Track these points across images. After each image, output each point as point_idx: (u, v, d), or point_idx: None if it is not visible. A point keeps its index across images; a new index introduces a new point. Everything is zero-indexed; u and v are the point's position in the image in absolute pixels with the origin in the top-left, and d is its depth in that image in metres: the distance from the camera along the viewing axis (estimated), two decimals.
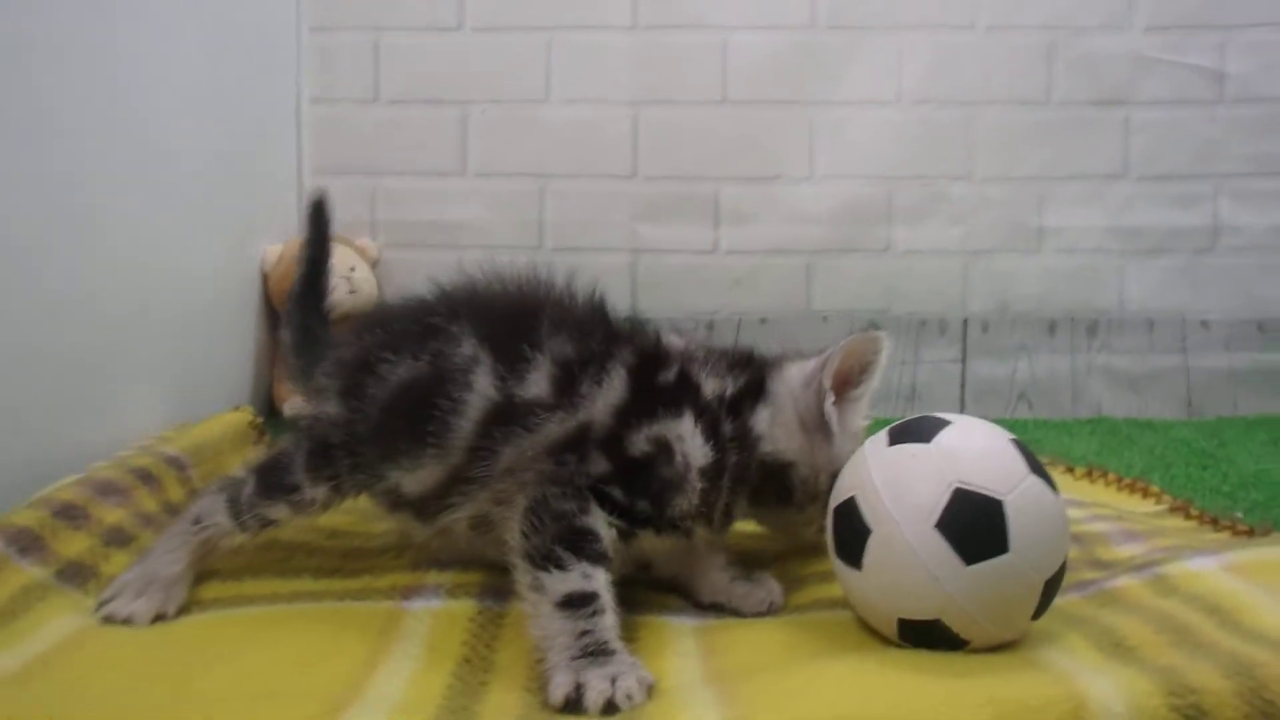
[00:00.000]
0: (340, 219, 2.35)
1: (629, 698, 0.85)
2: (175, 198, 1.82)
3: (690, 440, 1.05)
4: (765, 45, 2.47)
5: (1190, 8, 2.43)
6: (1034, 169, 2.48)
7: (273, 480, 1.14)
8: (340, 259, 2.21)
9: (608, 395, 1.05)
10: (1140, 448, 2.10)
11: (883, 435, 1.05)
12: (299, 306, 1.42)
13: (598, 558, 0.96)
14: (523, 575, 0.96)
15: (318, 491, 1.14)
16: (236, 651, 1.01)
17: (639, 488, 1.03)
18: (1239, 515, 1.52)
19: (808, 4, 2.47)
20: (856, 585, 1.02)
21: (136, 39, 1.70)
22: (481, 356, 1.07)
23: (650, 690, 0.88)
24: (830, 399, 1.10)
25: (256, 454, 1.72)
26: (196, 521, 1.15)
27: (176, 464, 1.52)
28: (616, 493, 1.01)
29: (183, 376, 1.85)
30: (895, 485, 0.98)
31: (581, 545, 0.96)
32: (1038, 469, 0.99)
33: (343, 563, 1.27)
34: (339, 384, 1.14)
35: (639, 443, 1.04)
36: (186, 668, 0.97)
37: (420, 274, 1.27)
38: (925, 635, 0.96)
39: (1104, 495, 1.68)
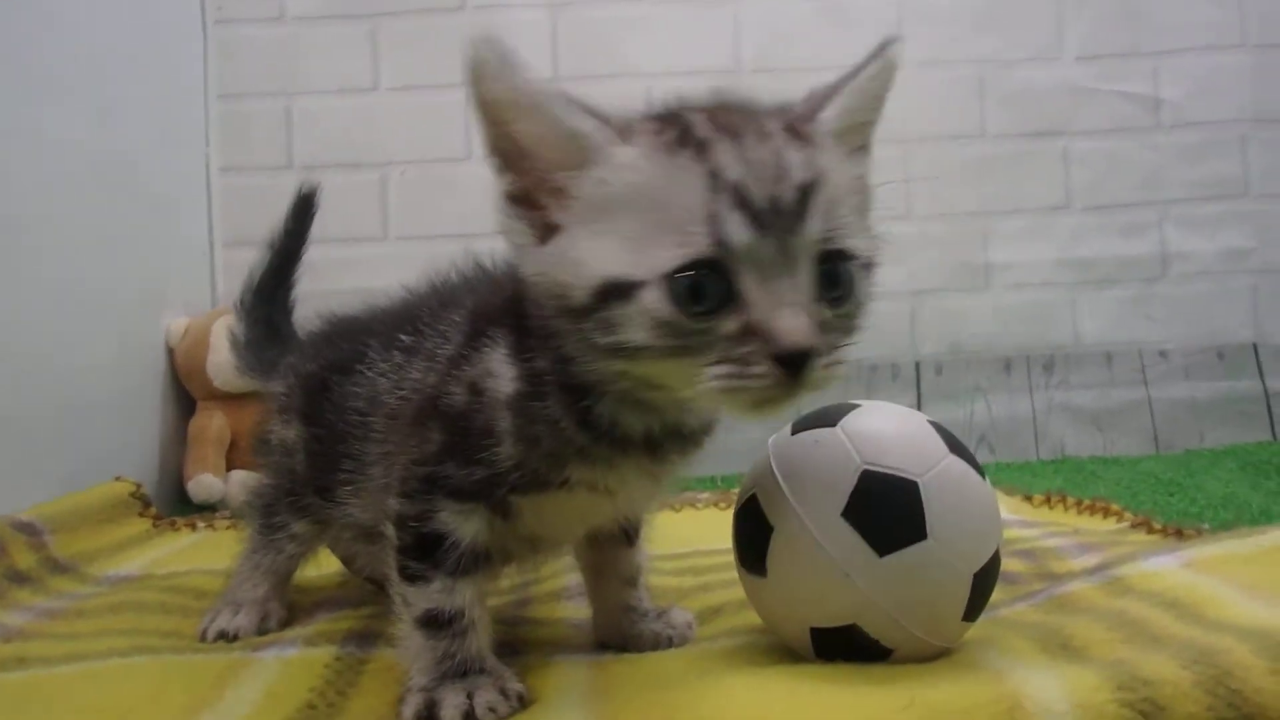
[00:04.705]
0: None
1: (491, 710, 0.79)
2: (58, 275, 1.72)
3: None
4: (691, 91, 2.39)
5: (1120, 36, 2.41)
6: (974, 204, 2.42)
7: None
8: None
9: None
10: (1105, 481, 1.99)
11: (786, 427, 0.92)
12: (259, 299, 1.31)
13: (460, 567, 0.83)
14: (392, 589, 0.87)
15: None
16: (34, 710, 0.87)
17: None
18: (1206, 526, 1.39)
19: (732, 48, 2.43)
20: (763, 595, 0.88)
21: (20, 111, 1.65)
22: None
23: (522, 701, 0.81)
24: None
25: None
26: None
27: (28, 529, 1.40)
28: (455, 472, 0.83)
29: (70, 461, 1.70)
30: (798, 475, 0.84)
31: (438, 555, 0.83)
32: (960, 449, 0.86)
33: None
34: None
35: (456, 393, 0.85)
36: None
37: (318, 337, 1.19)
38: (842, 645, 0.81)
39: (1063, 518, 1.55)
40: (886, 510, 0.79)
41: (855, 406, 0.89)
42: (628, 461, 0.81)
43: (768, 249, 0.67)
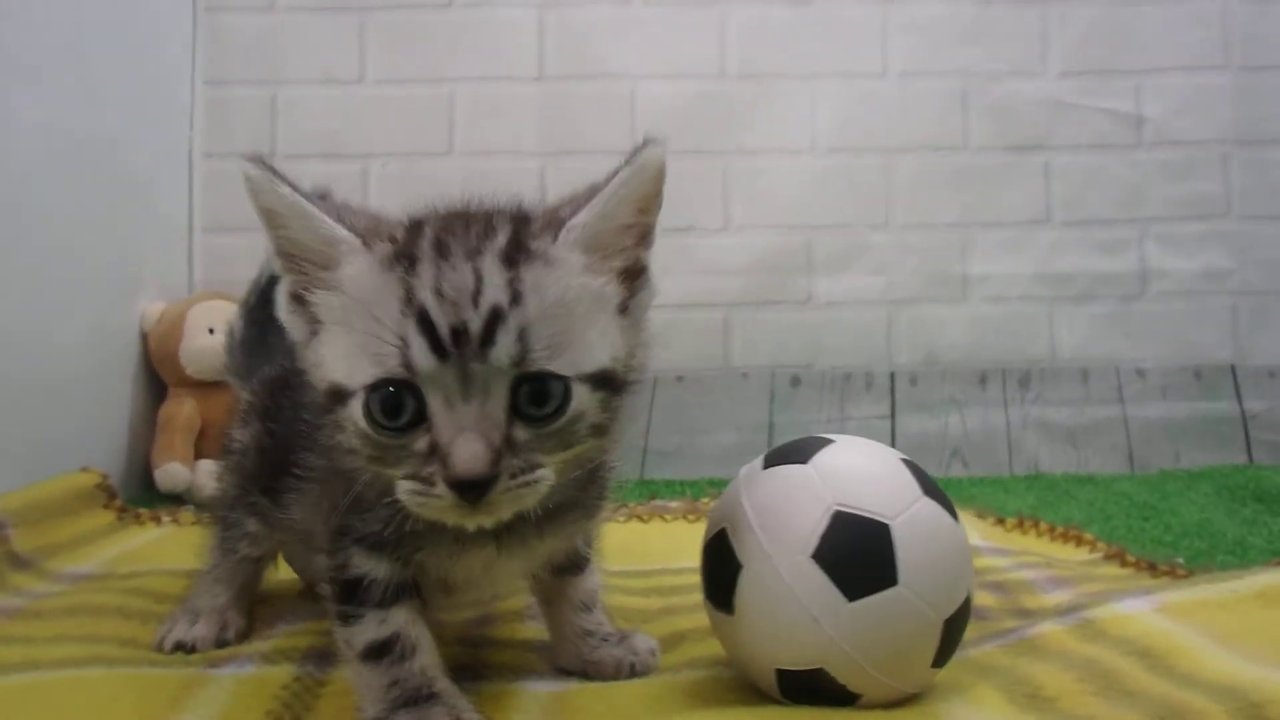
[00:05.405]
0: (234, 276, 2.23)
1: None
2: (34, 255, 1.72)
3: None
4: (674, 94, 2.40)
5: (1103, 53, 2.41)
6: (954, 216, 2.42)
7: None
8: (226, 318, 2.04)
9: None
10: (1079, 502, 1.98)
11: (758, 460, 0.91)
12: (262, 301, 1.30)
13: (386, 598, 0.85)
14: (337, 637, 0.87)
15: None
16: None
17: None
18: (1179, 560, 1.39)
19: (717, 53, 2.42)
20: (730, 632, 0.87)
21: (5, 89, 1.64)
22: None
23: None
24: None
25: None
26: None
27: None
28: (356, 524, 0.84)
29: (38, 444, 1.69)
30: (768, 513, 0.83)
31: (362, 594, 0.85)
32: (933, 491, 0.85)
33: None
34: None
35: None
36: None
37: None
38: (808, 689, 0.81)
39: (1035, 545, 1.55)
40: (857, 554, 0.79)
41: (829, 441, 0.88)
42: (474, 548, 0.82)
43: (450, 374, 0.69)
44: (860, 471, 0.84)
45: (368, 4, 2.42)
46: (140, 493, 2.01)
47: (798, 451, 0.87)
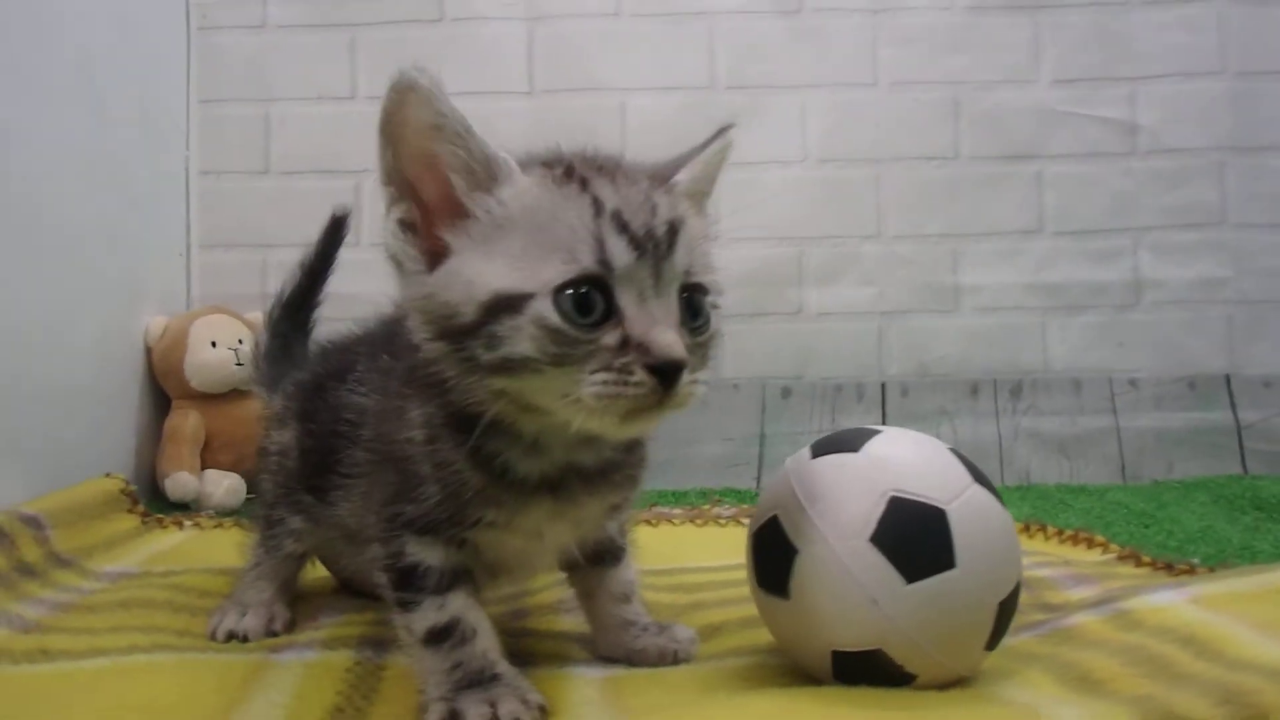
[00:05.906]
0: (230, 292, 2.33)
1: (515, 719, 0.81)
2: (39, 271, 1.75)
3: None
4: (664, 107, 2.40)
5: (1096, 60, 2.42)
6: (945, 226, 2.42)
7: None
8: (229, 332, 2.18)
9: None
10: (1075, 511, 1.98)
11: (804, 450, 0.93)
12: (284, 314, 1.37)
13: (443, 584, 0.88)
14: (396, 624, 0.91)
15: None
16: (73, 703, 0.89)
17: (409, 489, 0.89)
18: (1196, 560, 1.39)
19: (706, 65, 2.43)
20: (784, 616, 0.88)
21: (20, 109, 1.68)
22: None
23: (544, 712, 0.82)
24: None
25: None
26: None
27: (33, 523, 1.45)
28: (407, 509, 0.88)
29: (48, 454, 1.73)
30: (823, 499, 0.85)
31: (419, 581, 0.88)
32: (982, 478, 0.86)
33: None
34: None
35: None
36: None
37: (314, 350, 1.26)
38: (865, 669, 0.82)
39: (1046, 548, 1.55)
40: (915, 537, 0.80)
41: (876, 432, 0.89)
42: (532, 505, 0.86)
43: (643, 272, 0.76)
44: (912, 459, 0.86)
45: (358, 20, 2.43)
46: (148, 502, 2.01)
47: (847, 441, 0.89)
